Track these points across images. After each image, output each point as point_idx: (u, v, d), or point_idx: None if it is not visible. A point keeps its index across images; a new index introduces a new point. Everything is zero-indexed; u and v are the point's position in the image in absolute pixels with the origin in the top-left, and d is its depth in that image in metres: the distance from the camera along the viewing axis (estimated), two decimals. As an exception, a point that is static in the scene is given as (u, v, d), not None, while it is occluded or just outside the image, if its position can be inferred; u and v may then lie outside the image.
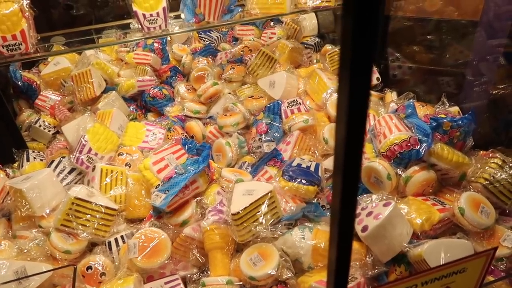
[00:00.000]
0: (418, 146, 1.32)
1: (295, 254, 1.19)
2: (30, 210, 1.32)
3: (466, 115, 1.37)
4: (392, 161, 1.35)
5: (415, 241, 1.16)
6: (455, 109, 1.61)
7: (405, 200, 1.28)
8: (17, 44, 1.57)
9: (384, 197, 1.23)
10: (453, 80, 2.03)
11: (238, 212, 1.18)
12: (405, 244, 1.13)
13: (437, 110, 1.58)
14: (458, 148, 1.40)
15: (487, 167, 1.30)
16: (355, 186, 0.56)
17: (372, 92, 1.97)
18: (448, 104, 1.61)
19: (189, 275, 1.28)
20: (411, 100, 1.57)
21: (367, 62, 0.48)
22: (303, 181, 1.34)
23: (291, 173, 1.37)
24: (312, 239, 1.19)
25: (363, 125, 0.51)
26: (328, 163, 1.56)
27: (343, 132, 0.51)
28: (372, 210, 1.16)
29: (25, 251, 1.25)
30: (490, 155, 1.36)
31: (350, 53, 0.47)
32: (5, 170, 1.56)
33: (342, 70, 0.49)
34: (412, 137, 1.34)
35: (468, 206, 1.19)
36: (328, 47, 2.38)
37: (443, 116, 1.38)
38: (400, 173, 1.33)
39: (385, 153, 1.36)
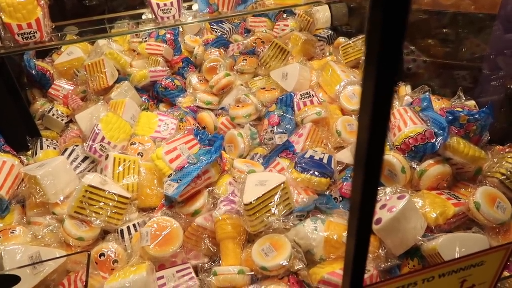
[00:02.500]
0: (434, 140, 1.30)
1: (307, 245, 1.19)
2: (44, 196, 1.34)
3: (484, 109, 1.35)
4: (406, 154, 1.33)
5: (429, 234, 1.14)
6: (471, 103, 1.58)
7: (420, 193, 1.26)
8: (32, 32, 1.58)
9: (398, 190, 1.22)
10: (468, 74, 2.00)
11: (251, 202, 1.18)
12: (419, 238, 1.12)
13: (453, 103, 1.56)
14: (474, 143, 1.37)
15: (504, 162, 1.28)
16: (376, 182, 0.55)
17: (386, 86, 1.94)
18: (464, 98, 1.59)
19: (200, 264, 1.29)
20: (426, 93, 1.54)
21: (395, 58, 0.46)
22: (316, 172, 1.33)
23: (303, 164, 1.36)
24: (324, 230, 1.19)
25: (386, 121, 0.51)
26: (341, 155, 1.55)
27: (366, 127, 0.50)
28: (386, 203, 1.15)
29: (39, 237, 1.26)
30: (507, 150, 1.34)
31: (378, 47, 0.45)
32: (20, 157, 1.58)
33: (368, 65, 0.48)
34: (427, 130, 1.32)
35: (484, 200, 1.17)
36: (341, 39, 2.35)
37: (459, 109, 1.36)
38: (415, 166, 1.31)
39: (399, 146, 1.34)
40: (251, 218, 1.20)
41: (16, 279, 1.05)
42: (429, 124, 1.36)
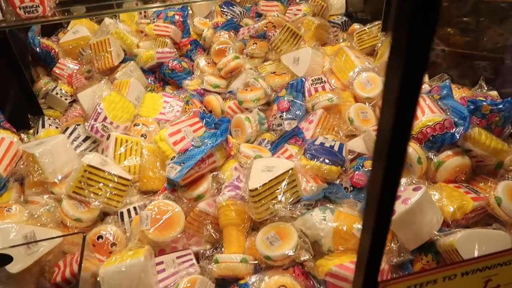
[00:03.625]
0: (453, 130, 1.23)
1: (314, 235, 1.12)
2: (42, 175, 1.29)
3: (509, 99, 1.26)
4: (423, 144, 1.26)
5: (445, 229, 1.07)
6: (494, 93, 1.49)
7: (436, 186, 1.19)
8: (34, 6, 1.53)
9: (414, 181, 1.15)
10: (490, 64, 1.90)
11: (257, 188, 1.12)
12: (435, 232, 1.05)
13: (474, 93, 1.47)
14: (496, 135, 1.29)
15: (528, 156, 1.20)
16: (398, 176, 0.50)
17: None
18: (486, 88, 1.50)
19: (202, 251, 1.23)
20: (447, 81, 1.46)
21: (424, 50, 0.41)
22: (326, 160, 1.26)
23: (313, 151, 1.29)
24: (333, 221, 1.12)
25: (413, 111, 0.45)
26: (353, 144, 1.47)
27: (390, 115, 0.45)
28: (401, 194, 1.08)
29: (36, 216, 1.21)
30: (531, 143, 1.26)
31: (406, 38, 0.39)
32: (20, 135, 1.53)
33: (393, 57, 0.42)
34: (447, 120, 1.24)
35: (505, 196, 1.10)
36: (356, 26, 2.26)
37: (482, 99, 1.28)
38: (432, 157, 1.24)
39: (416, 136, 1.27)
40: (256, 205, 1.14)
41: (8, 258, 1.01)
42: (448, 113, 1.28)
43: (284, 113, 1.62)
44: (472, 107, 1.25)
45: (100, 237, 1.22)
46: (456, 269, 0.63)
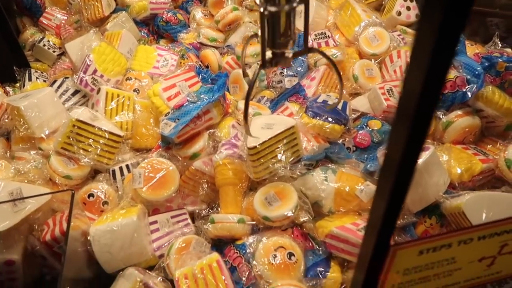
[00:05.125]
0: (465, 88, 1.15)
1: (315, 196, 1.07)
2: (28, 130, 1.22)
3: (526, 56, 1.18)
4: (432, 103, 1.19)
5: (451, 191, 1.03)
6: (509, 50, 1.40)
7: (444, 146, 1.13)
8: None
9: (421, 142, 1.09)
10: (502, 22, 1.80)
11: (256, 147, 1.05)
12: (442, 195, 1.01)
13: (489, 49, 1.38)
14: (509, 94, 1.22)
15: (541, 117, 1.14)
16: (422, 140, 0.44)
17: (409, 30, 1.76)
18: (500, 45, 1.41)
19: (197, 211, 1.19)
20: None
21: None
22: (329, 118, 1.20)
23: (315, 109, 1.22)
24: (335, 181, 1.07)
25: (445, 73, 0.39)
26: (356, 103, 1.40)
27: (422, 77, 0.39)
28: (407, 155, 1.02)
29: (23, 172, 1.16)
30: (545, 104, 1.19)
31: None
32: (4, 88, 1.45)
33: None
34: (459, 77, 1.16)
35: (516, 158, 1.05)
36: (362, -22, 2.12)
37: (497, 55, 1.20)
38: (441, 116, 1.17)
39: (424, 94, 1.19)
40: (254, 163, 1.08)
41: (-8, 215, 0.96)
42: (460, 70, 1.20)
43: (285, 70, 1.53)
44: (486, 64, 1.17)
45: (91, 195, 1.17)
46: (473, 233, 0.58)
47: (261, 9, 0.77)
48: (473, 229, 0.59)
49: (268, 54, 0.83)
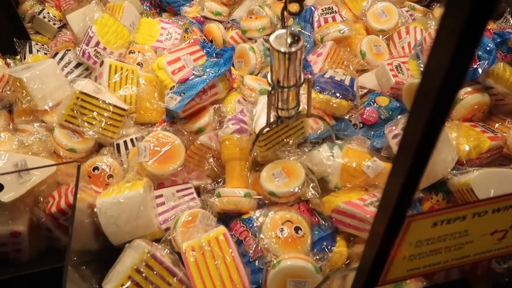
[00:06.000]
0: (476, 64, 1.13)
1: (321, 172, 1.07)
2: (31, 102, 1.20)
3: (539, 32, 1.16)
4: (441, 80, 1.17)
5: (460, 168, 1.02)
6: (521, 26, 1.38)
7: (453, 123, 1.12)
8: None
9: (430, 118, 1.08)
10: (513, -2, 1.76)
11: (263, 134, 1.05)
12: (450, 171, 1.00)
13: (501, 25, 1.36)
14: (520, 71, 1.20)
15: (552, 95, 1.13)
16: (443, 123, 0.43)
17: (418, 7, 1.72)
18: (511, 21, 1.38)
19: (203, 186, 1.19)
20: (471, 12, 1.33)
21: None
22: (337, 94, 1.18)
23: (323, 84, 1.21)
24: (342, 157, 1.06)
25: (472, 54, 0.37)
26: (364, 79, 1.39)
27: (446, 53, 0.37)
28: (416, 131, 1.01)
29: (26, 145, 1.15)
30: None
31: None
32: (5, 59, 1.42)
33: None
34: (469, 53, 1.14)
35: (525, 136, 1.04)
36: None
37: (510, 31, 1.17)
38: (450, 93, 1.15)
39: (434, 70, 1.18)
40: (261, 149, 1.08)
41: (-2, 186, 0.95)
42: (471, 46, 1.18)
43: (291, 45, 1.51)
44: (498, 39, 1.15)
45: (96, 168, 1.17)
46: (488, 206, 0.58)
47: (270, 90, 0.94)
48: (488, 201, 0.58)
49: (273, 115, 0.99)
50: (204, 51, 1.47)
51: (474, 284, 0.94)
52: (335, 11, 1.60)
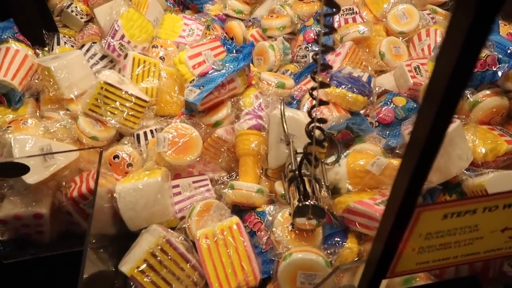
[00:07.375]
0: (496, 67, 1.13)
1: (331, 180, 1.07)
2: (58, 90, 1.25)
3: (562, 36, 1.15)
4: (460, 82, 1.17)
5: (475, 170, 1.02)
6: (544, 31, 1.36)
7: (469, 125, 1.12)
8: None
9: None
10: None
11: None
12: (464, 172, 1.00)
13: (523, 29, 1.35)
14: (541, 76, 1.19)
15: None
16: (448, 121, 0.44)
17: (439, 10, 1.72)
18: (534, 25, 1.37)
19: (217, 177, 1.21)
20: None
21: None
22: (353, 89, 1.19)
23: (340, 79, 1.22)
24: (347, 163, 1.07)
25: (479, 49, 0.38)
26: (382, 80, 1.39)
27: (452, 53, 0.38)
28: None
29: (52, 131, 1.19)
30: None
31: None
32: (35, 50, 1.47)
33: None
34: (489, 56, 1.14)
35: (544, 140, 1.03)
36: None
37: (532, 34, 1.16)
38: (468, 96, 1.15)
39: (453, 72, 1.17)
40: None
41: (25, 168, 1.00)
42: (492, 49, 1.18)
43: (310, 44, 1.53)
44: (519, 43, 1.14)
45: (116, 156, 1.21)
46: (499, 200, 0.58)
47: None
48: (499, 196, 0.59)
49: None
50: (225, 47, 1.50)
51: (485, 285, 0.94)
52: (356, 12, 1.61)
